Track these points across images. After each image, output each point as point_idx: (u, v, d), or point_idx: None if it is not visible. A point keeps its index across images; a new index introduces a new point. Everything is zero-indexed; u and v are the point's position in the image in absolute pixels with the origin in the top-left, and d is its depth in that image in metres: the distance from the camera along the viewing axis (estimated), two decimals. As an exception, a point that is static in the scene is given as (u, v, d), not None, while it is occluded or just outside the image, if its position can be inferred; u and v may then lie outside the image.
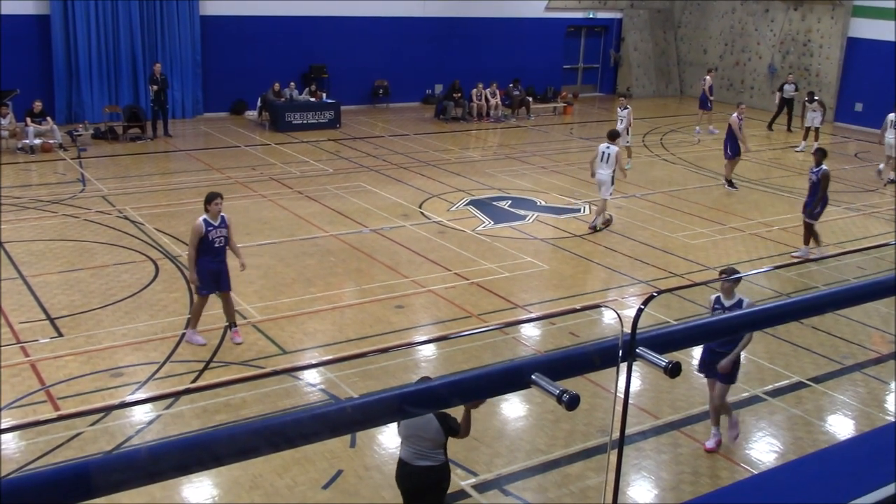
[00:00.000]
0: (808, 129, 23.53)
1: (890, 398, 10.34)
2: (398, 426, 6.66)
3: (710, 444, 8.74)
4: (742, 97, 30.08)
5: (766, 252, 14.93)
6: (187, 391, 9.66)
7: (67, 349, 10.25)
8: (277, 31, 25.28)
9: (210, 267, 10.35)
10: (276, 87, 24.07)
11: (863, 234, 16.14)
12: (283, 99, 24.00)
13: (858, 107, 27.56)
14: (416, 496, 6.70)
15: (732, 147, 18.84)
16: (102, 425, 8.65)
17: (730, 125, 18.77)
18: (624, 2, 31.97)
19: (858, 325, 11.80)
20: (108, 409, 9.27)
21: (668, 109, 30.05)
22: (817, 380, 10.36)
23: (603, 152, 15.50)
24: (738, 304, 8.32)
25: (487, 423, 8.95)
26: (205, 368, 9.93)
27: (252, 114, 25.01)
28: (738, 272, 9.06)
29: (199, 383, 9.74)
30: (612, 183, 15.48)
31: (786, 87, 26.26)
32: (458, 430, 6.55)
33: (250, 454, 2.91)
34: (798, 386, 10.19)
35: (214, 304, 11.71)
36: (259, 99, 24.34)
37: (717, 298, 8.54)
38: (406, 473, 6.64)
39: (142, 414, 8.94)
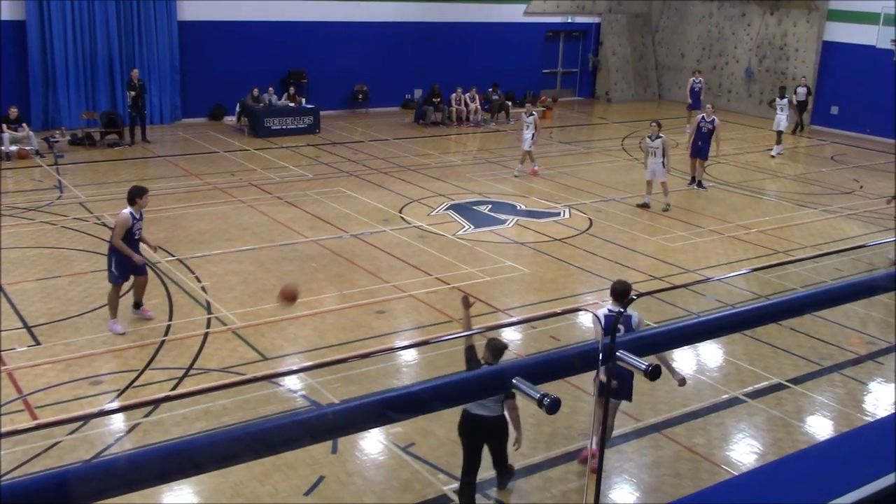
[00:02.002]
0: (779, 133, 23.59)
1: (868, 399, 10.43)
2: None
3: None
4: (720, 101, 30.32)
5: (744, 254, 15.03)
6: (167, 399, 9.59)
7: (45, 357, 10.15)
8: (256, 36, 25.19)
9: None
10: (255, 92, 24.00)
11: (839, 236, 16.28)
12: (262, 104, 23.92)
13: (834, 110, 27.83)
14: (474, 443, 7.39)
15: (693, 147, 19.16)
16: (81, 434, 8.57)
17: (698, 126, 19.05)
18: (602, 5, 32.11)
19: (836, 327, 11.90)
20: (86, 418, 9.18)
21: (646, 113, 30.17)
22: (796, 381, 10.43)
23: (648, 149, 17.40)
24: (628, 318, 7.77)
25: (469, 427, 8.94)
26: (185, 376, 9.87)
27: (231, 119, 24.91)
28: (628, 287, 8.10)
29: (179, 391, 9.68)
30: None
31: (798, 90, 26.80)
32: (512, 395, 6.95)
33: (231, 461, 2.90)
34: (777, 387, 10.26)
35: (193, 310, 11.65)
36: (238, 104, 24.26)
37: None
38: (465, 421, 7.39)
39: (121, 422, 8.87)
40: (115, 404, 9.23)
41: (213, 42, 24.64)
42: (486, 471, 8.21)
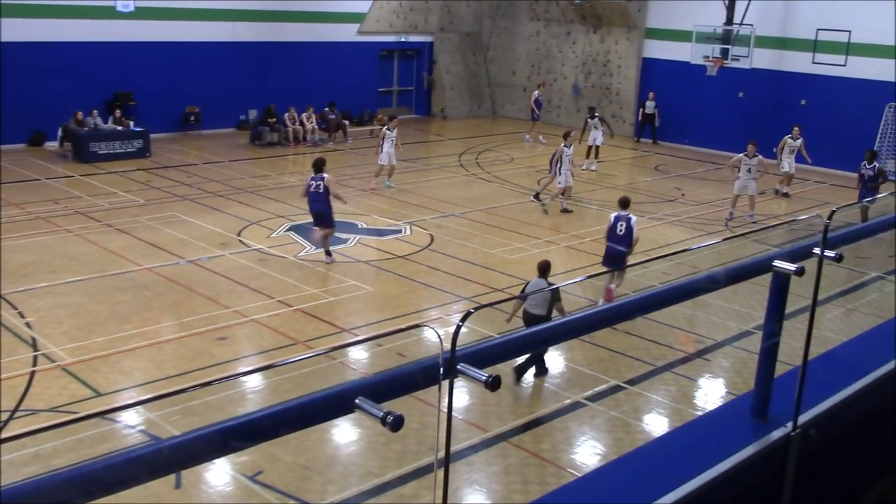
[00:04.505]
0: (590, 147, 24.44)
1: (698, 394, 11.02)
2: (524, 288, 11.30)
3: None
4: (550, 116, 31.40)
5: (579, 263, 15.60)
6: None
7: None
8: (77, 57, 24.02)
9: None
10: (79, 115, 22.88)
11: (665, 242, 17.18)
12: (86, 128, 22.83)
13: (657, 122, 29.33)
14: None
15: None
16: None
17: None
18: (434, 24, 32.65)
19: (667, 328, 12.53)
20: None
21: (481, 129, 30.90)
22: (632, 382, 10.91)
23: (564, 156, 19.01)
24: (629, 218, 13.02)
25: (318, 450, 8.83)
26: (10, 419, 9.24)
27: (53, 144, 23.63)
28: (629, 198, 13.58)
29: (4, 434, 9.06)
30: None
31: (647, 103, 28.56)
32: (558, 298, 10.40)
33: (61, 506, 2.72)
34: (616, 389, 10.69)
35: (17, 348, 10.94)
36: (60, 129, 23.04)
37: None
38: (525, 318, 10.37)
39: (-61, 473, 8.20)
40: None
41: (31, 64, 23.27)
42: (340, 493, 8.12)
